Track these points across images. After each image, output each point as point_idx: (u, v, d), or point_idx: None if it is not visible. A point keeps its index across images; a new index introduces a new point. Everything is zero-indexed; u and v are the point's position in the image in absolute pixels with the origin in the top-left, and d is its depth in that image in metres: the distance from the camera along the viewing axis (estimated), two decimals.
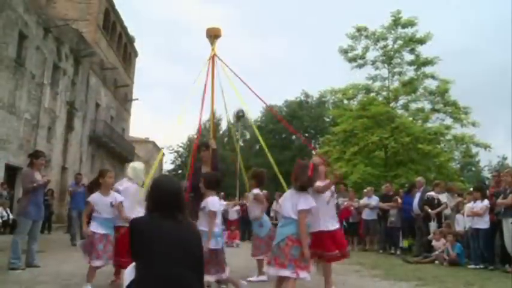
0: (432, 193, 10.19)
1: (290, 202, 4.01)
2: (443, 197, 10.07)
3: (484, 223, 8.20)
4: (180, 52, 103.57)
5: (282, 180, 6.11)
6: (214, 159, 5.83)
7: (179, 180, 2.77)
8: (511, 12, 75.84)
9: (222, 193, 13.80)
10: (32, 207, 6.59)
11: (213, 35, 6.24)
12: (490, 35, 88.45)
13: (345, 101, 20.69)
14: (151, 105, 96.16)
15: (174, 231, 2.39)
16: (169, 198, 2.49)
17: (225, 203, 8.63)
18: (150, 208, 2.54)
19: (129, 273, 2.41)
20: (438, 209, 9.84)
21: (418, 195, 10.69)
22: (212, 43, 6.22)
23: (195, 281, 2.37)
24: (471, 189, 9.42)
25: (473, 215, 8.38)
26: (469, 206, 8.62)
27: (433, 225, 9.86)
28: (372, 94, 19.31)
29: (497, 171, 10.38)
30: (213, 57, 6.18)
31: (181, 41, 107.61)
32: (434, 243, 9.28)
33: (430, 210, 9.92)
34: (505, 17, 70.27)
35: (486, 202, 8.26)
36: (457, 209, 9.57)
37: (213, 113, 6.33)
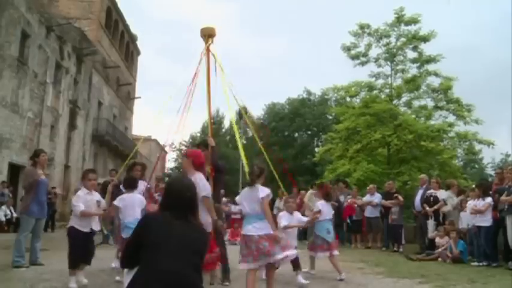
0: (431, 191, 10.19)
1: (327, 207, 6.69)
2: (442, 194, 10.05)
3: (485, 221, 8.17)
4: (181, 50, 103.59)
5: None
6: (213, 158, 5.82)
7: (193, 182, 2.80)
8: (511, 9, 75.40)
9: (223, 191, 13.79)
10: (34, 206, 6.61)
11: (207, 34, 6.23)
12: (492, 32, 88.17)
13: (348, 99, 20.63)
14: (154, 103, 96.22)
15: (182, 231, 2.41)
16: (182, 200, 2.53)
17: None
18: (163, 206, 2.57)
19: (129, 270, 2.42)
20: (435, 207, 9.84)
21: (420, 193, 10.70)
22: (206, 42, 6.22)
23: (198, 281, 2.39)
24: (474, 186, 9.39)
25: (475, 212, 8.36)
26: (471, 203, 8.60)
27: (430, 222, 9.85)
28: (375, 91, 19.23)
29: (501, 168, 10.34)
30: (208, 56, 6.19)
31: (182, 39, 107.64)
32: (437, 240, 9.27)
33: (427, 208, 9.92)
34: (507, 14, 69.92)
35: (489, 200, 8.22)
36: (461, 206, 9.55)
37: (210, 111, 6.30)
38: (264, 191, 4.60)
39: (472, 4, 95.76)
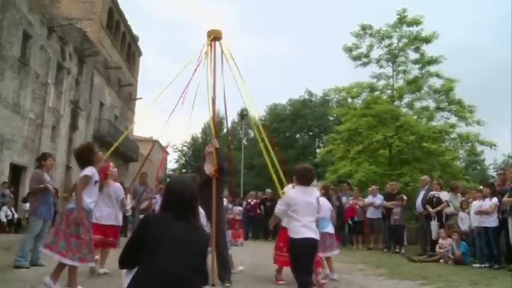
0: (434, 192, 10.16)
1: None
2: (445, 196, 10.01)
3: (492, 221, 8.10)
4: (181, 50, 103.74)
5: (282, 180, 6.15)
6: (218, 159, 5.79)
7: (194, 183, 2.77)
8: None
9: (226, 192, 13.78)
10: (43, 207, 6.74)
11: (214, 36, 6.24)
12: (493, 33, 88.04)
13: (349, 100, 20.59)
14: (155, 104, 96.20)
15: (183, 232, 2.40)
16: (182, 201, 2.51)
17: None
18: (164, 207, 2.56)
19: (128, 271, 2.40)
20: (438, 208, 9.80)
21: (422, 194, 10.66)
22: (210, 44, 6.23)
23: (198, 282, 2.37)
24: (481, 187, 9.25)
25: (481, 213, 8.28)
26: (476, 204, 8.52)
27: (433, 224, 9.82)
28: (376, 92, 19.20)
29: (503, 169, 10.29)
30: (211, 55, 6.19)
31: (182, 39, 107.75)
32: (440, 241, 9.23)
33: (430, 209, 9.89)
34: (508, 14, 69.84)
35: (495, 200, 8.14)
36: (461, 207, 9.51)
37: (214, 112, 6.28)
38: (328, 205, 6.46)
39: (472, 4, 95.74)
